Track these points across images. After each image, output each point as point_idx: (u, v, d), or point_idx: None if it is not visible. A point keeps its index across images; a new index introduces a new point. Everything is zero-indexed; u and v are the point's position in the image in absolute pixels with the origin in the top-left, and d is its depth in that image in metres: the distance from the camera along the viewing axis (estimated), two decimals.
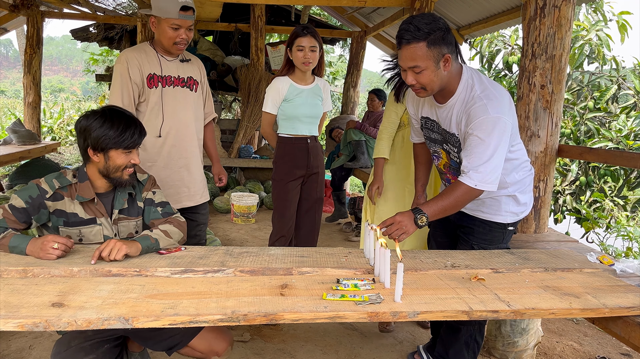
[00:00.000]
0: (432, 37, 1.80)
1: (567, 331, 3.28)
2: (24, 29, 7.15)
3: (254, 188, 6.49)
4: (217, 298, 1.48)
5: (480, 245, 2.18)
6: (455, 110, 1.97)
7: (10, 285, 1.51)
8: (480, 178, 1.85)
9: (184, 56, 2.64)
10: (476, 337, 2.26)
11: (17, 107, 15.80)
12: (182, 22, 2.42)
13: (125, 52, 2.52)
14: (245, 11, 7.26)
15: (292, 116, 2.94)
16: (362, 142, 5.25)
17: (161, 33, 2.46)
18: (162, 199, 2.04)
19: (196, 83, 2.66)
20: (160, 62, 2.54)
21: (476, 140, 1.86)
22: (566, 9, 2.57)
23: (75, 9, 6.74)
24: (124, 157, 1.82)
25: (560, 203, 5.27)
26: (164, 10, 2.38)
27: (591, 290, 1.70)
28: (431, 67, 1.84)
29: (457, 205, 1.92)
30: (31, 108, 6.83)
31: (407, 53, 1.84)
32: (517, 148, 2.10)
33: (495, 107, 1.86)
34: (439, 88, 1.93)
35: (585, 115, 5.18)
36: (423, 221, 1.87)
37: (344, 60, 13.23)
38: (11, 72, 43.12)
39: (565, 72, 2.66)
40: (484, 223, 2.16)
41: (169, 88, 2.55)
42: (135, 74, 2.47)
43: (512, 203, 2.13)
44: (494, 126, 1.84)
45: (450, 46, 1.86)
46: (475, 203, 2.13)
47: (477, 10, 5.05)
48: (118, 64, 2.48)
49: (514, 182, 2.10)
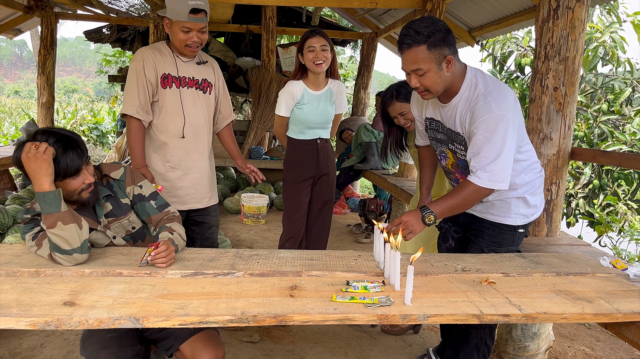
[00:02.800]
0: (432, 39, 1.82)
1: (579, 335, 3.24)
2: (38, 30, 7.22)
3: (264, 189, 6.50)
4: (226, 299, 1.48)
5: (491, 247, 2.16)
6: (459, 109, 1.97)
7: (22, 284, 1.53)
8: (489, 177, 1.85)
9: (201, 58, 2.63)
10: (487, 340, 2.25)
11: (31, 107, 16.01)
12: (192, 25, 2.39)
13: (141, 50, 2.52)
14: (256, 13, 7.28)
15: (301, 121, 2.96)
16: (373, 144, 5.25)
17: (173, 35, 2.46)
18: (152, 190, 1.99)
19: (210, 85, 2.65)
20: (176, 63, 2.53)
21: (482, 139, 1.86)
22: (580, 10, 2.55)
23: (89, 10, 6.80)
24: (73, 182, 1.70)
25: (572, 206, 5.22)
26: (175, 12, 2.37)
27: (604, 295, 1.68)
28: (433, 69, 1.86)
29: (466, 204, 1.92)
30: (45, 108, 6.90)
31: (408, 57, 1.87)
32: (526, 149, 2.08)
33: (499, 104, 1.85)
34: (443, 89, 1.94)
35: (598, 117, 5.13)
36: (431, 219, 1.88)
37: (355, 61, 13.21)
38: (25, 73, 43.65)
39: (578, 74, 2.63)
40: (494, 225, 2.14)
41: (184, 89, 2.55)
42: (151, 73, 2.47)
43: (522, 205, 2.10)
44: (499, 123, 1.83)
45: (452, 47, 1.87)
46: (485, 205, 2.13)
47: (489, 12, 5.02)
48: (134, 62, 2.48)
49: (523, 184, 2.08)
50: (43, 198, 1.58)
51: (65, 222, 1.61)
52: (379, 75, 29.77)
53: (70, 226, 1.62)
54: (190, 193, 2.65)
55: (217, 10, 6.05)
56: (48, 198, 1.58)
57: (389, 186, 4.46)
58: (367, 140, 5.23)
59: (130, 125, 2.50)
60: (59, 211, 1.60)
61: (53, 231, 1.61)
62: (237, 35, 7.87)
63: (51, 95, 6.89)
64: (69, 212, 1.63)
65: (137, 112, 2.47)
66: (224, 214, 5.92)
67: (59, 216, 1.60)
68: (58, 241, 1.62)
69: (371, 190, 8.96)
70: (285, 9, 7.75)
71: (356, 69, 7.88)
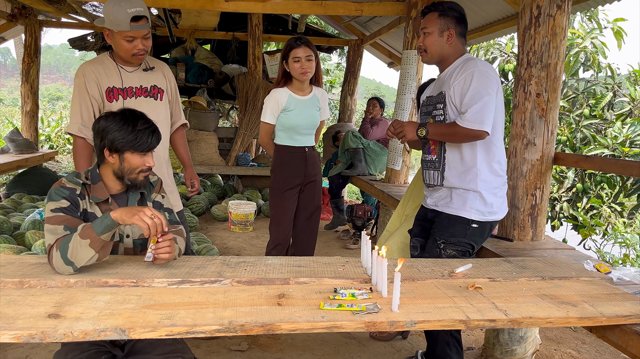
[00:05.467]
0: (444, 12, 2.26)
1: (565, 339, 3.28)
2: (21, 38, 7.15)
3: (251, 196, 6.49)
4: (214, 308, 1.48)
5: (443, 237, 2.31)
6: (449, 72, 2.31)
7: (6, 296, 1.51)
8: (468, 118, 2.13)
9: (147, 64, 2.52)
10: (452, 333, 2.32)
11: (15, 116, 15.79)
12: (135, 33, 2.28)
13: (83, 66, 2.43)
14: (242, 20, 7.29)
15: (290, 127, 2.96)
16: (360, 150, 5.27)
17: (117, 46, 2.34)
18: (170, 206, 2.06)
19: (161, 91, 2.55)
20: (121, 74, 2.43)
21: (465, 88, 2.17)
22: (561, 18, 2.59)
23: (73, 18, 6.76)
24: (139, 159, 1.82)
25: (557, 210, 5.28)
26: (115, 23, 2.26)
27: (588, 299, 1.70)
28: (435, 33, 2.27)
29: (453, 135, 2.21)
30: (29, 117, 6.83)
31: (424, 20, 2.32)
32: (498, 146, 2.30)
33: (484, 65, 2.22)
34: (438, 56, 2.32)
35: (581, 122, 5.21)
36: (422, 133, 2.22)
37: (342, 68, 13.28)
38: (9, 81, 43.09)
39: (560, 80, 2.67)
40: (449, 217, 2.32)
41: (132, 99, 2.44)
42: (93, 88, 2.38)
43: (478, 201, 2.27)
44: (482, 76, 2.15)
45: (458, 28, 2.28)
46: (444, 199, 2.35)
47: (472, 19, 5.08)
48: (76, 78, 2.39)
49: (484, 180, 2.27)
50: (107, 222, 1.64)
51: (92, 246, 1.64)
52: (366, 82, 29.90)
53: (90, 251, 1.64)
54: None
55: (203, 17, 6.06)
56: (110, 224, 1.65)
57: (376, 192, 4.48)
58: (354, 146, 5.25)
59: (75, 143, 2.43)
60: (100, 237, 1.64)
61: (78, 240, 1.63)
62: (224, 42, 7.88)
63: (35, 104, 6.83)
64: (104, 243, 1.67)
65: (80, 130, 2.38)
66: (211, 222, 5.90)
67: (94, 238, 1.63)
68: (72, 249, 1.64)
69: (359, 196, 8.98)
70: (272, 16, 7.77)
71: (342, 76, 7.91)
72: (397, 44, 6.85)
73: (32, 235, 3.92)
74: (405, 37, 4.54)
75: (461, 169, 2.28)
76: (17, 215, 4.61)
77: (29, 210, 4.84)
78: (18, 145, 5.99)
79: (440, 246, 2.31)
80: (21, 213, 4.79)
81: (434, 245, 2.35)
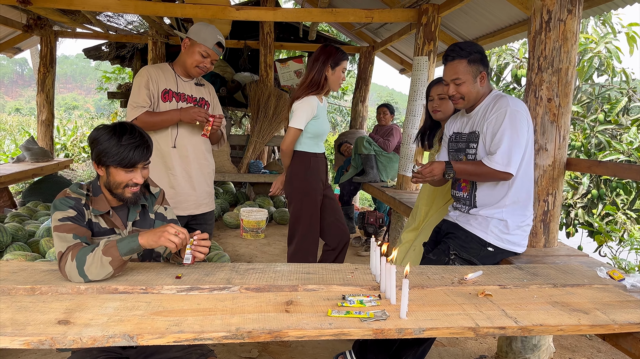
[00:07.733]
0: (472, 56, 2.26)
1: (580, 347, 3.22)
2: (38, 48, 7.27)
3: (263, 203, 6.50)
4: (222, 315, 1.48)
5: (456, 249, 2.33)
6: (480, 111, 2.34)
7: (17, 303, 1.53)
8: (495, 159, 2.16)
9: (199, 80, 2.88)
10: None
11: (31, 125, 16.05)
12: (211, 53, 2.69)
13: (146, 67, 2.74)
14: (254, 28, 7.34)
15: (317, 134, 3.00)
16: (372, 157, 5.26)
17: (190, 54, 2.69)
18: (173, 217, 2.07)
19: (207, 104, 2.86)
20: (177, 81, 2.77)
21: (496, 127, 2.21)
22: (571, 22, 2.57)
23: (88, 28, 6.86)
24: (123, 174, 1.79)
25: (572, 216, 5.22)
26: (203, 37, 2.67)
27: (601, 306, 1.67)
28: (470, 80, 2.28)
29: (479, 175, 2.25)
30: (44, 125, 6.94)
31: (451, 68, 2.30)
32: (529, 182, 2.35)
33: (516, 103, 2.24)
34: (474, 100, 2.33)
35: (595, 127, 5.15)
36: (450, 175, 2.24)
37: (353, 75, 13.30)
38: (26, 90, 43.86)
39: (572, 85, 2.65)
40: (467, 233, 2.35)
41: (183, 104, 2.75)
42: (154, 86, 2.68)
43: (501, 227, 2.32)
44: (513, 116, 2.18)
45: (487, 67, 2.31)
46: (467, 217, 2.38)
47: (483, 25, 5.07)
48: (138, 77, 2.69)
49: (512, 213, 2.31)
50: (133, 246, 1.67)
51: (112, 264, 1.66)
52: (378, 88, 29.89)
53: (109, 268, 1.66)
54: (190, 199, 2.79)
55: (215, 26, 6.10)
56: (136, 248, 1.68)
57: (388, 198, 4.47)
58: (367, 152, 5.25)
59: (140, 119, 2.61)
60: (121, 256, 1.66)
61: (100, 255, 1.65)
62: (236, 50, 7.93)
63: (51, 113, 6.93)
64: (123, 262, 1.69)
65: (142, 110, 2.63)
66: (223, 229, 5.92)
67: (117, 258, 1.66)
68: (90, 263, 1.65)
69: (371, 203, 8.96)
70: (283, 24, 7.81)
71: (354, 83, 7.92)
72: (408, 50, 6.84)
73: (46, 242, 3.97)
74: (416, 44, 4.53)
75: (490, 204, 2.34)
76: (32, 223, 4.67)
77: (44, 217, 4.91)
78: (34, 154, 6.08)
79: (452, 256, 2.33)
80: (36, 220, 4.85)
81: (445, 253, 2.35)
